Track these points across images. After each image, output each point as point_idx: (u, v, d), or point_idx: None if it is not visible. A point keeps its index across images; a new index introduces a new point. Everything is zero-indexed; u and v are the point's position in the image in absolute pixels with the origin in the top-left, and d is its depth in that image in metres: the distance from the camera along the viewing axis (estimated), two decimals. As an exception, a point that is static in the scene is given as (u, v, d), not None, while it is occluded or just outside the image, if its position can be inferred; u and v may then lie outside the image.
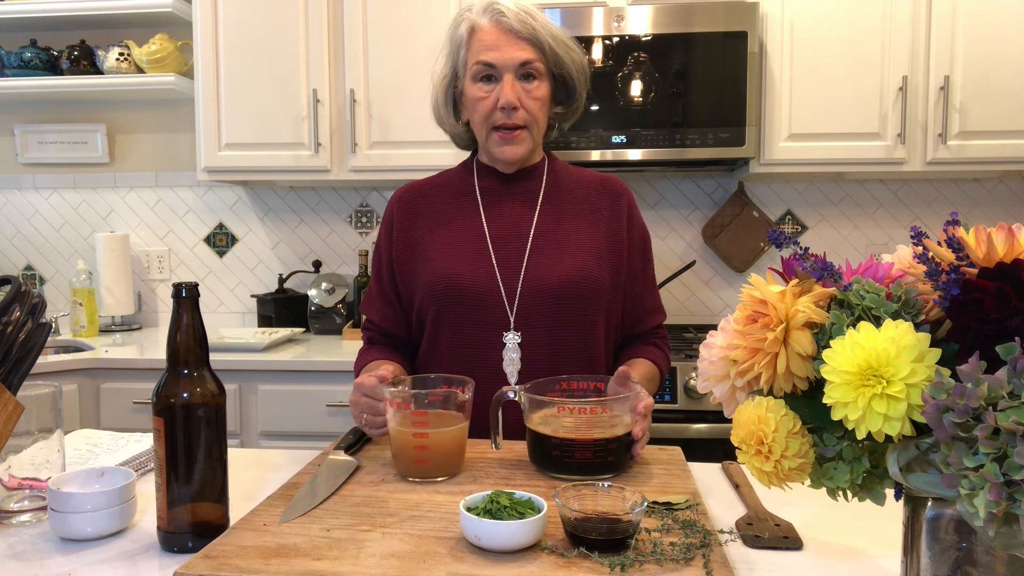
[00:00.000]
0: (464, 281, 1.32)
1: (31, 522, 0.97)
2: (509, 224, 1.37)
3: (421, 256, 1.37)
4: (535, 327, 1.31)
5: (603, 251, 1.36)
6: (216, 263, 2.97)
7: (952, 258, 0.63)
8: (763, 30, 2.32)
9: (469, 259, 1.34)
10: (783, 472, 0.68)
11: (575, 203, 1.39)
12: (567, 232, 1.36)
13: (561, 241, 1.35)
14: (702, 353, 0.78)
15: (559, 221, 1.37)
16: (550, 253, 1.34)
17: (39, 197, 3.01)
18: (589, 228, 1.37)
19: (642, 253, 1.43)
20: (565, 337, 1.33)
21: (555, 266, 1.32)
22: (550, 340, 1.32)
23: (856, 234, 2.74)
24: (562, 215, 1.38)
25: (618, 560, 0.79)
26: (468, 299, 1.32)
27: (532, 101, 1.32)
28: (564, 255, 1.33)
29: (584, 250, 1.34)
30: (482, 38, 1.31)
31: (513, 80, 1.30)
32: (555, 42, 1.32)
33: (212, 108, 2.52)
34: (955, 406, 0.54)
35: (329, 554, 0.82)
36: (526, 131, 1.33)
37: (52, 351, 2.51)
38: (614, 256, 1.37)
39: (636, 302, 1.42)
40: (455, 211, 1.39)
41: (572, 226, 1.37)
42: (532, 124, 1.33)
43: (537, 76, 1.31)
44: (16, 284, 0.96)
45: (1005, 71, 2.28)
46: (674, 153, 2.30)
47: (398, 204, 1.43)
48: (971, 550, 0.62)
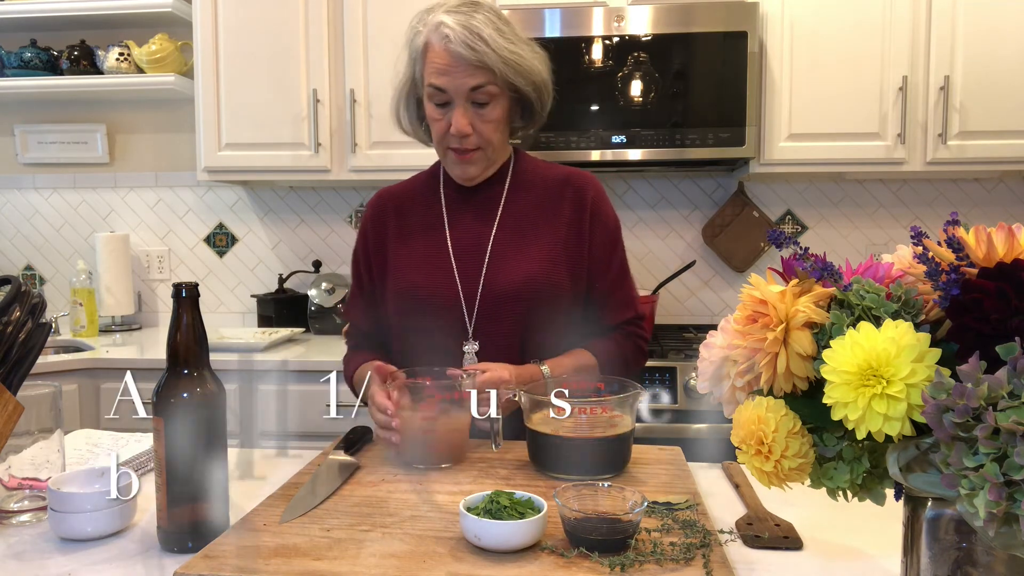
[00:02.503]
0: (424, 292, 1.34)
1: (31, 522, 0.97)
2: (470, 234, 1.37)
3: (389, 265, 1.39)
4: (493, 337, 1.32)
5: (562, 254, 1.34)
6: (216, 263, 2.97)
7: (952, 258, 0.63)
8: (763, 30, 2.31)
9: (431, 270, 1.35)
10: (783, 472, 0.68)
11: (536, 207, 1.38)
12: (526, 239, 1.35)
13: (519, 249, 1.34)
14: (702, 353, 0.78)
15: (518, 228, 1.36)
16: (508, 262, 1.33)
17: (39, 197, 3.01)
18: (550, 232, 1.35)
19: (608, 247, 1.39)
20: (524, 345, 1.32)
21: (511, 275, 1.32)
22: (507, 349, 1.31)
23: (856, 234, 2.74)
24: (522, 222, 1.37)
25: (618, 560, 0.79)
26: (428, 310, 1.33)
27: (485, 125, 1.30)
28: (521, 263, 1.33)
29: (542, 256, 1.33)
30: (433, 59, 1.27)
31: (464, 106, 1.27)
32: (506, 64, 1.26)
33: (212, 108, 2.52)
34: (955, 406, 0.54)
35: (329, 554, 0.82)
36: (481, 152, 1.32)
37: (52, 351, 2.51)
38: (575, 257, 1.35)
39: (603, 297, 1.39)
40: (420, 221, 1.40)
41: (532, 232, 1.36)
42: (487, 146, 1.32)
43: (490, 99, 1.28)
44: (16, 284, 0.96)
45: (1005, 71, 2.27)
46: (674, 153, 2.30)
47: (371, 212, 1.45)
48: (971, 550, 0.62)
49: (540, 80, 1.34)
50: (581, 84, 2.29)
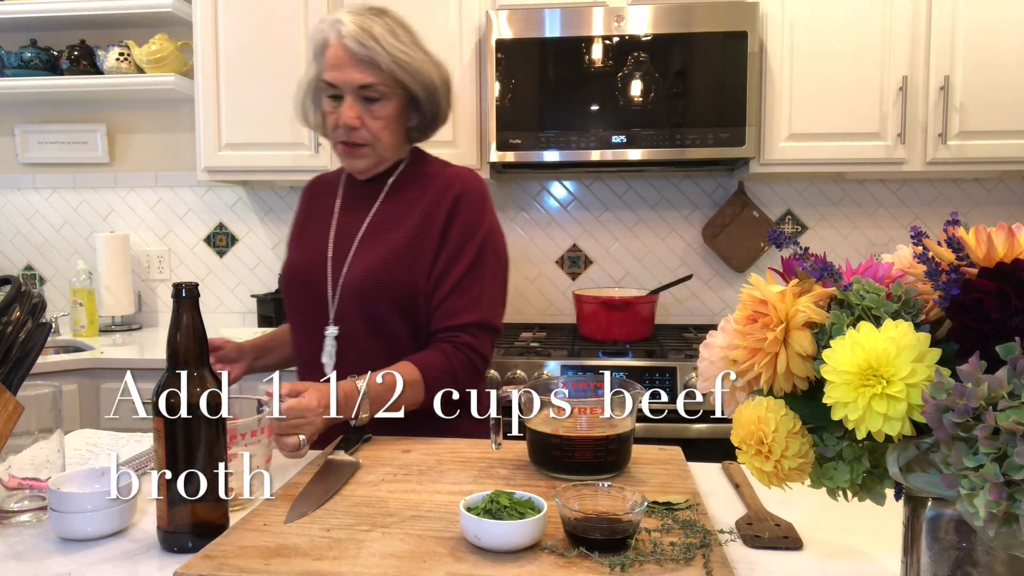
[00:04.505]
0: (298, 276, 1.43)
1: (31, 522, 0.97)
2: (349, 223, 1.42)
3: (288, 246, 1.52)
4: (350, 323, 1.36)
5: (411, 250, 1.35)
6: (216, 263, 2.97)
7: (952, 258, 0.63)
8: (763, 30, 2.31)
9: (310, 255, 1.42)
10: (783, 472, 0.68)
11: (408, 203, 1.40)
12: (387, 233, 1.38)
13: (378, 241, 1.37)
14: (702, 353, 0.78)
15: (385, 222, 1.40)
16: (367, 253, 1.37)
17: (39, 197, 3.01)
18: (410, 228, 1.37)
19: (457, 248, 1.36)
20: (374, 334, 1.35)
21: (365, 265, 1.35)
22: (362, 336, 1.35)
23: (856, 234, 2.74)
24: (391, 216, 1.40)
25: (618, 560, 0.79)
26: (299, 292, 1.42)
27: (374, 121, 1.35)
28: (372, 255, 1.36)
29: (391, 250, 1.35)
30: (329, 55, 1.34)
31: (353, 101, 1.33)
32: (396, 64, 1.31)
33: (212, 108, 2.52)
34: (955, 406, 0.54)
35: (329, 554, 0.82)
36: (368, 147, 1.37)
37: (52, 351, 2.51)
38: (423, 254, 1.35)
39: (440, 299, 1.35)
40: (321, 207, 1.49)
41: (394, 226, 1.38)
42: (374, 142, 1.37)
43: (381, 97, 1.34)
44: (16, 284, 0.96)
45: (1005, 71, 2.27)
46: (674, 153, 2.30)
47: (300, 196, 1.57)
48: (971, 550, 0.62)
49: (431, 84, 1.38)
50: (581, 84, 2.29)
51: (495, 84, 2.31)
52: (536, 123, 2.31)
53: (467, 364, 1.34)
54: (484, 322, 1.36)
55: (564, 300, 2.81)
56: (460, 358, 1.33)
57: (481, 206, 1.40)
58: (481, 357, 1.36)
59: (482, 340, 1.36)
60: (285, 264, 1.48)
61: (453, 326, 1.34)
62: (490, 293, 1.38)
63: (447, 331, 1.35)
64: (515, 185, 2.82)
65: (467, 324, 1.34)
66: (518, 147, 2.32)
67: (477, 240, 1.37)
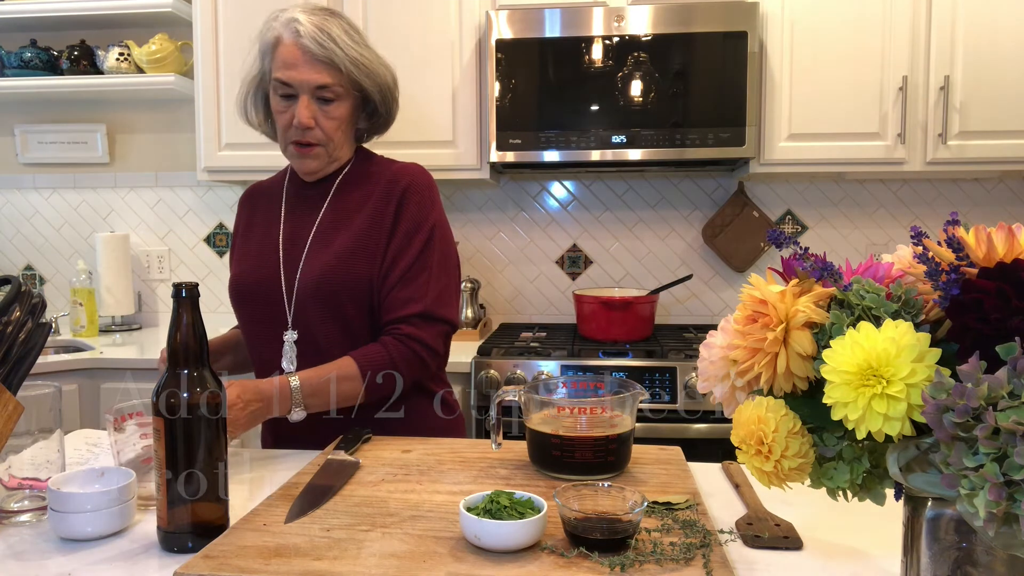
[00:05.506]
0: (249, 284, 1.40)
1: (31, 522, 0.97)
2: (298, 228, 1.41)
3: (232, 259, 1.49)
4: (309, 326, 1.36)
5: (363, 247, 1.35)
6: (216, 263, 2.97)
7: (952, 258, 0.63)
8: (763, 30, 2.32)
9: (260, 263, 1.41)
10: (783, 472, 0.68)
11: (356, 201, 1.40)
12: (338, 232, 1.38)
13: (330, 241, 1.37)
14: (702, 353, 0.78)
15: (336, 222, 1.39)
16: (318, 254, 1.37)
17: (39, 197, 3.01)
18: (361, 224, 1.37)
19: (405, 240, 1.35)
20: (332, 334, 1.35)
21: (317, 266, 1.35)
22: (321, 337, 1.35)
23: (856, 234, 2.74)
24: (341, 215, 1.39)
25: (618, 560, 0.79)
26: (253, 300, 1.40)
27: (328, 121, 1.35)
28: (326, 255, 1.36)
29: (343, 248, 1.35)
30: (282, 54, 1.32)
31: (308, 101, 1.32)
32: (353, 64, 1.32)
33: (212, 108, 2.52)
34: (955, 406, 0.54)
35: (329, 554, 0.82)
36: (321, 148, 1.37)
37: (52, 351, 2.51)
38: (375, 249, 1.35)
39: (387, 291, 1.34)
40: (264, 216, 1.47)
41: (345, 226, 1.38)
42: (327, 142, 1.37)
43: (335, 97, 1.34)
44: (16, 284, 0.96)
45: (1005, 71, 2.27)
46: (674, 153, 2.30)
47: (238, 206, 1.55)
48: (971, 550, 0.62)
49: (385, 85, 1.40)
50: (581, 84, 2.29)
51: (495, 84, 2.31)
52: (536, 123, 2.31)
53: (408, 354, 1.32)
54: (428, 312, 1.34)
55: (564, 300, 2.81)
56: (401, 349, 1.31)
57: (429, 200, 1.40)
58: (426, 347, 1.33)
59: (426, 330, 1.34)
60: (233, 277, 1.44)
61: (397, 318, 1.33)
62: (436, 285, 1.37)
63: (391, 323, 1.34)
64: (515, 185, 2.82)
65: (410, 315, 1.33)
66: (518, 147, 2.32)
67: (423, 233, 1.37)
